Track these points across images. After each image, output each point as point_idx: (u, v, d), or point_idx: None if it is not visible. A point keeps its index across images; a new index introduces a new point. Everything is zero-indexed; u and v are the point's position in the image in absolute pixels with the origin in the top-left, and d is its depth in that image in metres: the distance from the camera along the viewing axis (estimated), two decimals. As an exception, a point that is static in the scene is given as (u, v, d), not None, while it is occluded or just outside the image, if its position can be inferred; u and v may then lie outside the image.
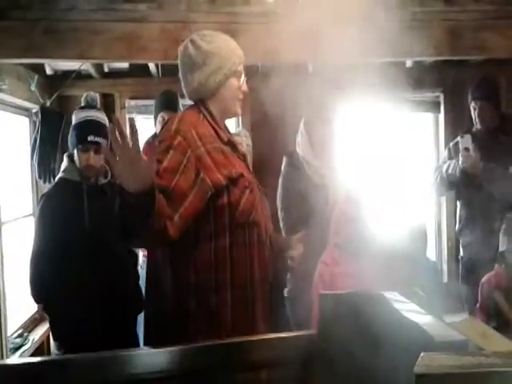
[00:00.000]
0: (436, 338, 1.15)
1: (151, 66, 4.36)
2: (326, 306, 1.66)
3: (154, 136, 3.63)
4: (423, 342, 1.15)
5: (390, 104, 4.56)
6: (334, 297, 1.68)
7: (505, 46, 3.33)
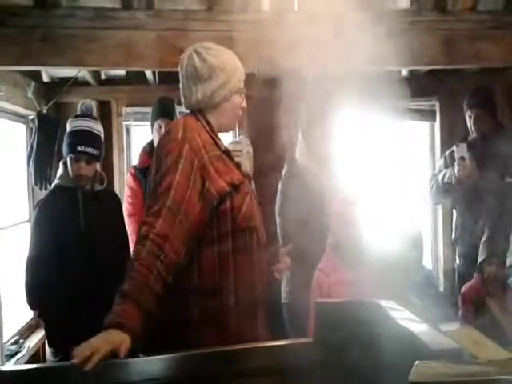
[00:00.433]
0: (431, 347, 1.16)
1: (148, 74, 4.37)
2: (323, 313, 1.66)
3: (151, 143, 3.63)
4: (418, 350, 1.15)
5: (385, 112, 4.57)
6: (331, 305, 1.68)
7: (500, 56, 3.35)
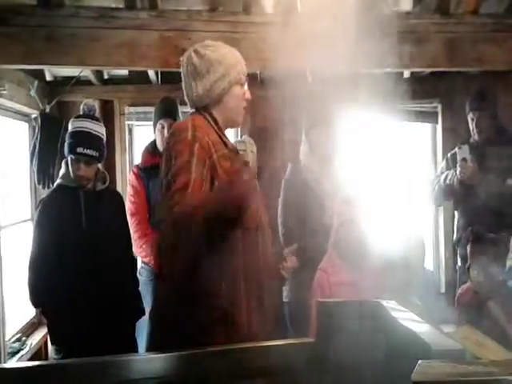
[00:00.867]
0: (433, 347, 1.16)
1: (151, 74, 4.38)
2: (324, 313, 1.67)
3: (153, 143, 3.63)
4: (420, 351, 1.15)
5: (388, 114, 4.57)
6: (332, 304, 1.69)
7: (502, 59, 3.35)
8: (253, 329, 1.93)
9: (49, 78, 4.33)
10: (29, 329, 4.00)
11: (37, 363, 1.95)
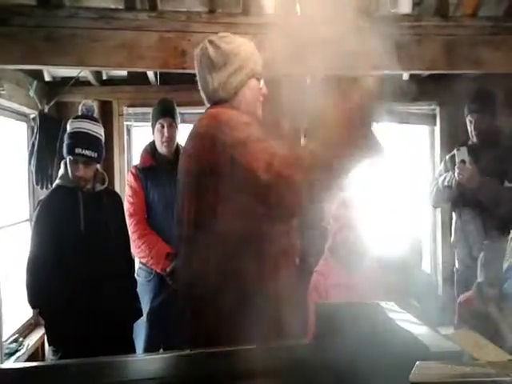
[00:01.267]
0: (431, 349, 1.16)
1: (149, 74, 4.38)
2: (323, 315, 1.67)
3: (152, 144, 3.64)
4: (418, 353, 1.15)
5: (385, 116, 4.57)
6: (331, 306, 1.69)
7: (501, 62, 3.36)
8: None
9: (48, 78, 4.33)
10: (26, 329, 3.99)
11: (34, 364, 1.95)
